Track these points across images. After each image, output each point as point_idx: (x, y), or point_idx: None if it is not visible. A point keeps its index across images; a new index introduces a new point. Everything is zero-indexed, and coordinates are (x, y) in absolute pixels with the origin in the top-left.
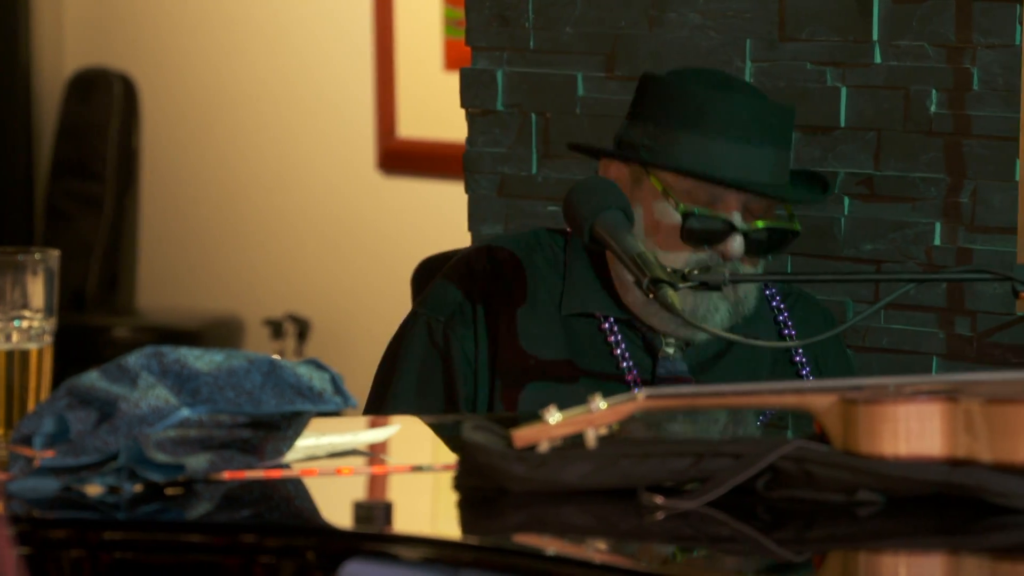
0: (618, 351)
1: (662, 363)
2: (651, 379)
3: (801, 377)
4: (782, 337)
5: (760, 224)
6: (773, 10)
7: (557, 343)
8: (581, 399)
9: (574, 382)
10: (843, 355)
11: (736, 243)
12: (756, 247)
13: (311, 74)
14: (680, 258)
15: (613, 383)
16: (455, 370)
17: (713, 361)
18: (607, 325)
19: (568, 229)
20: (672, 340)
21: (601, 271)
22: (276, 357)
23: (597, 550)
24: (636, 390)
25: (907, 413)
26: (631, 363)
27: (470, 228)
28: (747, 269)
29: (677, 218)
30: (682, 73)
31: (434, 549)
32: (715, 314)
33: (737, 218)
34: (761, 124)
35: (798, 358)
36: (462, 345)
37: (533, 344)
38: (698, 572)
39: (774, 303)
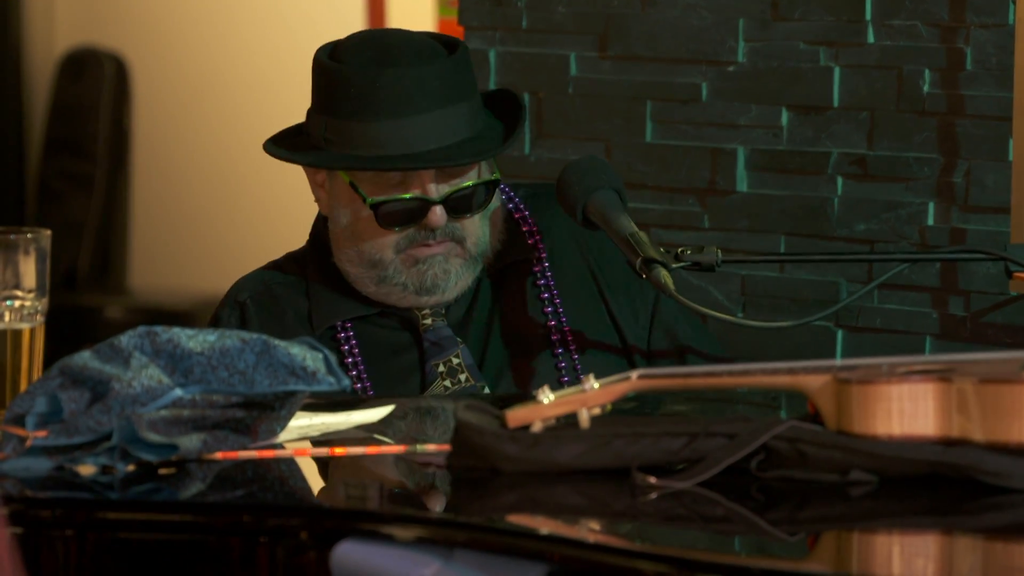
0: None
1: (426, 336)
2: (420, 356)
3: (547, 306)
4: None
5: (456, 187)
6: None
7: None
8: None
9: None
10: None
11: (436, 215)
12: (461, 206)
13: (303, 53)
14: (390, 241)
15: (386, 380)
16: None
17: (467, 315)
18: (343, 335)
19: (309, 242)
20: (428, 311)
21: (342, 277)
22: (268, 337)
23: (590, 530)
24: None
25: (900, 393)
26: (397, 349)
27: None
28: (471, 225)
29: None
30: (341, 52)
31: (427, 529)
32: (449, 277)
33: (432, 188)
34: (423, 90)
35: (547, 295)
36: None
37: None
38: (691, 552)
39: (525, 230)
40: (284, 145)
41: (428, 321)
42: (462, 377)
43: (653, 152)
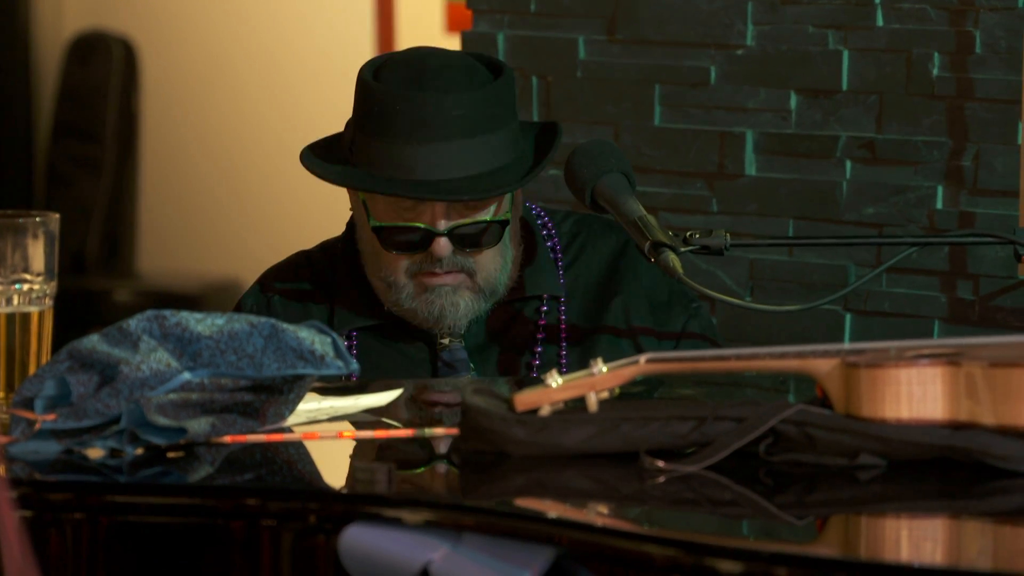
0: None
1: (441, 355)
2: (433, 374)
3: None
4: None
5: (465, 221)
6: None
7: None
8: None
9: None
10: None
11: (440, 246)
12: (467, 242)
13: (312, 36)
14: (401, 264)
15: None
16: None
17: (486, 340)
18: (360, 342)
19: (344, 236)
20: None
21: (366, 282)
22: (277, 321)
23: (598, 513)
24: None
25: (909, 377)
26: (411, 364)
27: None
28: (483, 259)
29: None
30: (380, 68)
31: (435, 512)
32: (458, 309)
33: (441, 220)
34: (445, 118)
35: (560, 329)
36: None
37: None
38: (700, 536)
39: (553, 255)
40: (316, 151)
41: (446, 341)
42: None
43: (661, 136)
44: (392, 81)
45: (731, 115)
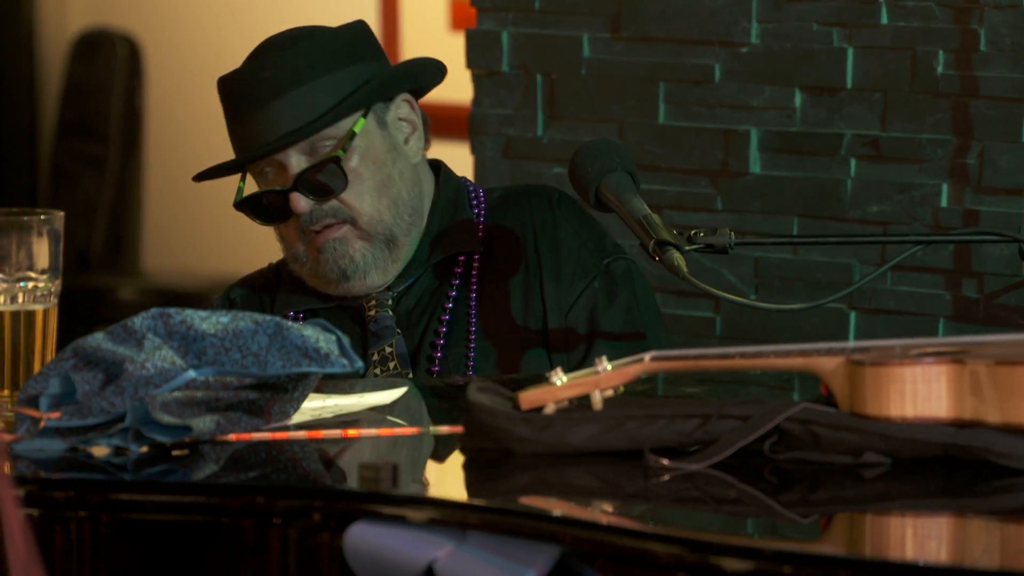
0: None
1: (370, 327)
2: (364, 346)
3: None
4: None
5: (301, 171)
6: None
7: None
8: None
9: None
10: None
11: (295, 201)
12: (316, 188)
13: None
14: (292, 232)
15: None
16: None
17: (415, 306)
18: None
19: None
20: (374, 302)
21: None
22: (282, 319)
23: (603, 511)
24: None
25: (914, 375)
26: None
27: None
28: (354, 201)
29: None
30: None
31: (440, 511)
32: (355, 261)
33: (290, 174)
34: (262, 81)
35: (477, 288)
36: None
37: None
38: (704, 534)
39: (477, 220)
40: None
41: (372, 312)
42: (391, 365)
43: (666, 134)
44: (245, 61)
45: (735, 113)
